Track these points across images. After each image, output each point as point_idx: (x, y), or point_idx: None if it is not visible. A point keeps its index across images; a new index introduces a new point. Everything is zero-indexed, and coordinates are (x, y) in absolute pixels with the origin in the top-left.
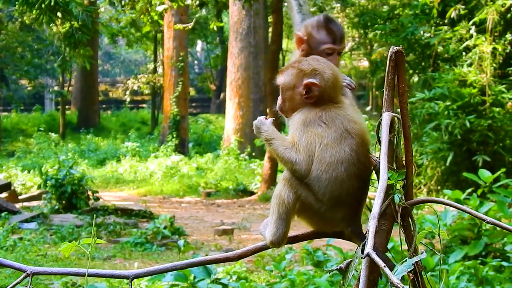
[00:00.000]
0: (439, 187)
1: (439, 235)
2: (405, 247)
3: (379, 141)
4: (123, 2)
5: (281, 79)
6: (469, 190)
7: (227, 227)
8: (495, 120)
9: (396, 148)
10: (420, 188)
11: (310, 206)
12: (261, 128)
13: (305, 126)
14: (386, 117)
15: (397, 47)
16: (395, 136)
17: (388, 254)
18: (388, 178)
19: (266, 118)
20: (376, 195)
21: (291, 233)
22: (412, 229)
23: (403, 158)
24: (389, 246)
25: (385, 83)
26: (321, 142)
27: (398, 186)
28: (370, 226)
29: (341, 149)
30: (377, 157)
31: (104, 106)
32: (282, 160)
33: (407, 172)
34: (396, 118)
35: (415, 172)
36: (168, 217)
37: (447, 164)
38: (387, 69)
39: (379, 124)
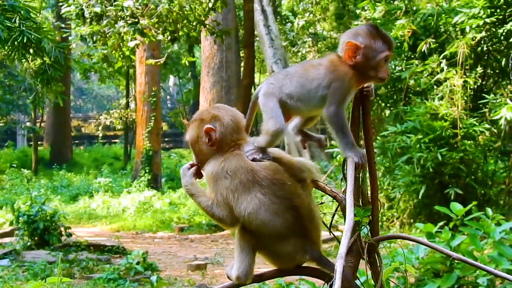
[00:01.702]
0: (411, 220)
1: (405, 271)
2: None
3: (345, 179)
4: (94, 38)
5: (187, 135)
6: (441, 223)
7: (200, 262)
8: (467, 153)
9: (362, 185)
10: (392, 221)
11: (263, 243)
12: (182, 180)
13: (214, 180)
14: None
15: (366, 84)
16: (361, 173)
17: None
18: (354, 215)
19: (191, 166)
20: (343, 234)
21: (257, 271)
22: (378, 265)
23: (369, 195)
24: (362, 279)
25: (350, 119)
26: (234, 196)
27: (364, 223)
28: (337, 266)
29: (252, 198)
30: (342, 194)
31: (76, 141)
32: (208, 214)
33: (373, 209)
34: None
35: (380, 208)
36: (141, 253)
37: (420, 197)
38: (352, 106)
39: (345, 161)
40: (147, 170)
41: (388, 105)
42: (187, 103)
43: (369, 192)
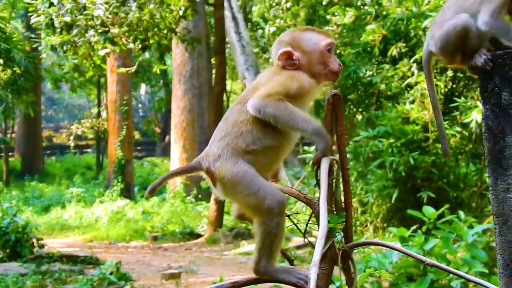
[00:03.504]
0: (385, 224)
1: (379, 277)
2: None
3: (319, 185)
4: (65, 48)
5: None
6: (414, 227)
7: (174, 271)
8: (439, 156)
9: (335, 191)
10: (366, 226)
11: None
12: None
13: None
14: (325, 161)
15: (335, 90)
16: (334, 180)
17: None
18: (328, 222)
19: None
20: (316, 241)
21: (231, 279)
22: (352, 271)
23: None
24: (336, 285)
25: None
26: None
27: (338, 229)
28: (311, 273)
29: None
30: (316, 201)
31: (48, 152)
32: None
33: (346, 215)
34: (334, 161)
35: (354, 214)
36: (114, 263)
37: (392, 201)
38: (325, 112)
39: (318, 167)
40: (119, 179)
41: (359, 109)
42: (159, 111)
43: (342, 198)
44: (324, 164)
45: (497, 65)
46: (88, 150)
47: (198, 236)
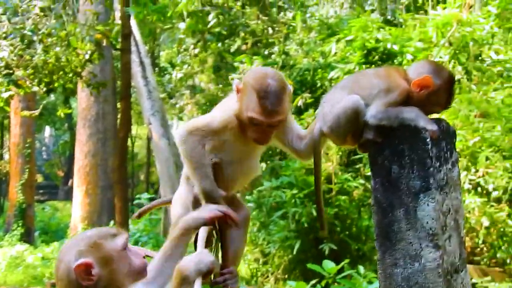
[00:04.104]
0: (286, 276)
1: None
2: None
3: (195, 247)
4: None
5: None
6: (314, 281)
7: None
8: (341, 208)
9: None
10: (267, 277)
11: None
12: None
13: None
14: (202, 231)
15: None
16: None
17: None
18: None
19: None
20: None
21: None
22: None
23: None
24: None
25: None
26: None
27: None
28: None
29: None
30: None
31: None
32: None
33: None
34: (213, 231)
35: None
36: None
37: (294, 252)
38: None
39: (196, 236)
40: (19, 224)
41: (264, 159)
42: (63, 155)
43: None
44: (201, 234)
45: (387, 138)
46: None
47: None
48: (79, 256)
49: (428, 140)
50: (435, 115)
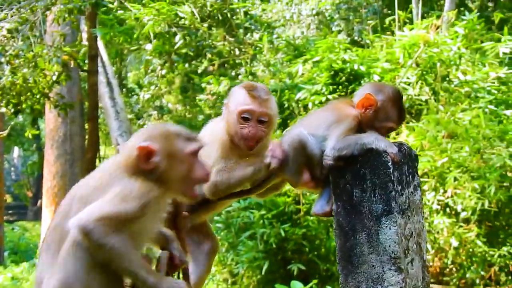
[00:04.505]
0: None
1: None
2: None
3: None
4: None
5: None
6: None
7: None
8: (310, 228)
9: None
10: None
11: None
12: None
13: None
14: (163, 259)
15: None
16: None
17: None
18: None
19: None
20: None
21: None
22: None
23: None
24: None
25: None
26: None
27: None
28: None
29: None
30: None
31: None
32: None
33: None
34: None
35: None
36: None
37: (263, 273)
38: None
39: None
40: None
41: None
42: (31, 175)
43: None
44: (163, 260)
45: (349, 162)
46: None
47: None
48: (148, 139)
49: (389, 164)
50: (396, 137)
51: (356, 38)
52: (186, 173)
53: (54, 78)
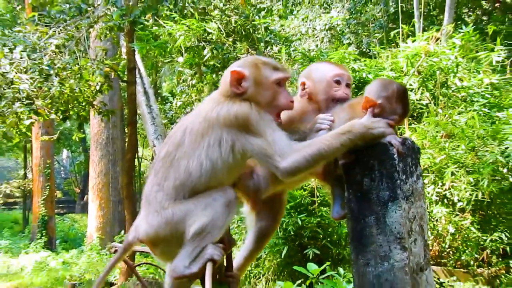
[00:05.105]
0: (275, 277)
1: None
2: None
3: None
4: None
5: None
6: (300, 281)
7: None
8: (323, 218)
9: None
10: (259, 278)
11: None
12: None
13: None
14: (208, 269)
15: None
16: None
17: None
18: None
19: None
20: None
21: None
22: None
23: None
24: None
25: None
26: None
27: None
28: None
29: None
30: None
31: None
32: None
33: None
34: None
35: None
36: None
37: (282, 257)
38: None
39: (204, 273)
40: (43, 233)
41: None
42: (78, 174)
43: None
44: (208, 271)
45: (360, 157)
46: (16, 207)
47: (112, 284)
48: (241, 66)
49: (395, 156)
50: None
51: (364, 49)
52: (271, 99)
53: (98, 88)
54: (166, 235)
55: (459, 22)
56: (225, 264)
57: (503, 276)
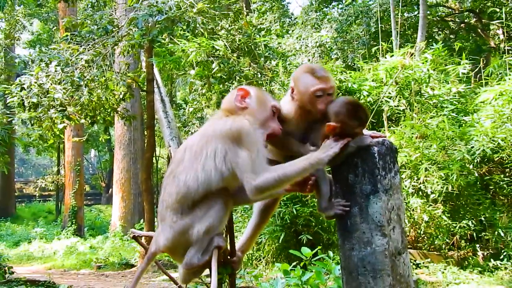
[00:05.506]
0: (274, 260)
1: None
2: None
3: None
4: (32, 122)
5: None
6: (295, 263)
7: None
8: (315, 208)
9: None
10: (260, 260)
11: None
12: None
13: None
14: (214, 258)
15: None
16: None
17: None
18: (219, 273)
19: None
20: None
21: None
22: None
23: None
24: None
25: None
26: None
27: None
28: None
29: None
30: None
31: (19, 200)
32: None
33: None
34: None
35: (241, 261)
36: (66, 287)
37: (280, 242)
38: None
39: (210, 262)
40: (73, 222)
41: None
42: (104, 170)
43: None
44: (214, 260)
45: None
46: (50, 199)
47: (132, 266)
48: (248, 87)
49: (376, 154)
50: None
51: (349, 63)
52: (266, 119)
53: (121, 96)
54: (181, 244)
55: (430, 40)
56: (229, 248)
57: (470, 258)
